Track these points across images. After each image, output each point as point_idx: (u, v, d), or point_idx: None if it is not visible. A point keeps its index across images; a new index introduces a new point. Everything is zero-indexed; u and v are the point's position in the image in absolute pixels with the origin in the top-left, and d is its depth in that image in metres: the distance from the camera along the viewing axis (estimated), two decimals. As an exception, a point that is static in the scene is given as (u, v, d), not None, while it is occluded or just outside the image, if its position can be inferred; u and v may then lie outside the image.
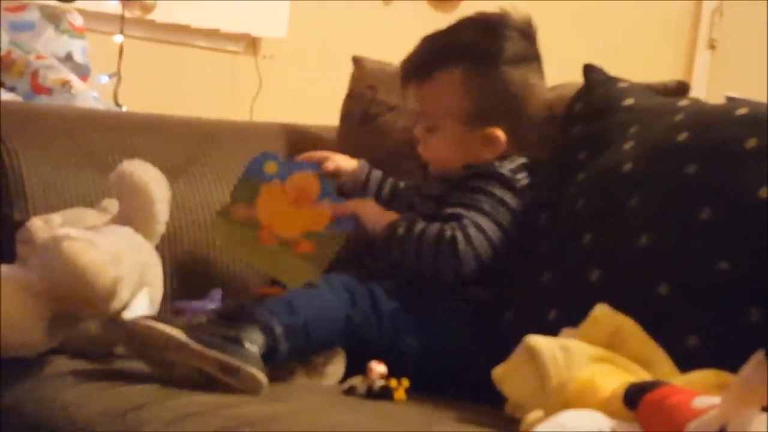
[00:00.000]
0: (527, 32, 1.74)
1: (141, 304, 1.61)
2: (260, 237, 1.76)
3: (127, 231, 1.66)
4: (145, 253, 1.67)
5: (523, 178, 1.70)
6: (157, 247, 1.74)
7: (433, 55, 1.73)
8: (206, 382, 1.44)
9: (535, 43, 1.75)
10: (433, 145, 1.74)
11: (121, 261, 1.55)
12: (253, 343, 1.46)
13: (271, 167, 1.78)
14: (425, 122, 1.75)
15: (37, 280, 1.53)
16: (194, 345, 1.43)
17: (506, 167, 1.69)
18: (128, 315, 1.59)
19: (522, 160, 1.72)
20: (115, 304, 1.55)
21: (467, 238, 1.60)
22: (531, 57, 1.74)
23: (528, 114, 1.73)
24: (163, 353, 1.45)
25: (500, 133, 1.70)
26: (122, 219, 1.69)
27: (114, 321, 1.60)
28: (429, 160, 1.77)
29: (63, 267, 1.50)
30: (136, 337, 1.46)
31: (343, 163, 1.86)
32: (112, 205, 1.73)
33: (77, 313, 1.57)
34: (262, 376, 1.43)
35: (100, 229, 1.63)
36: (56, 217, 1.66)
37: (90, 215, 1.72)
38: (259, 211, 1.77)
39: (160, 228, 1.72)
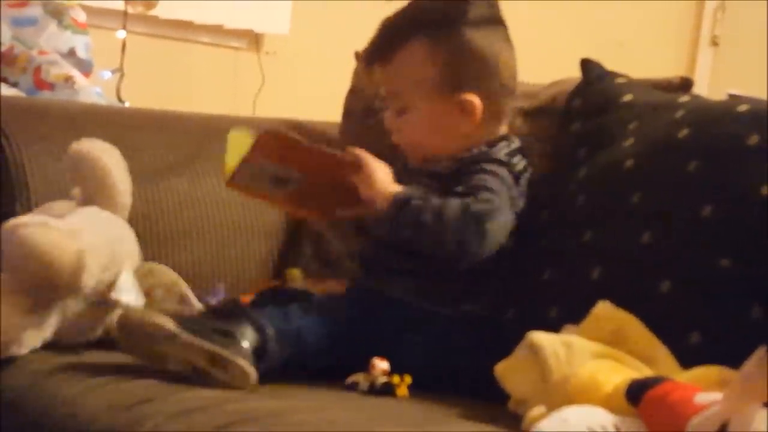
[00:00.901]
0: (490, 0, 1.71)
1: (126, 283, 1.61)
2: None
3: (91, 210, 1.66)
4: (116, 227, 1.66)
5: (518, 162, 1.67)
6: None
7: (395, 32, 1.69)
8: (197, 377, 1.44)
9: (499, 9, 1.71)
10: (407, 127, 1.68)
11: (79, 234, 1.55)
12: (246, 338, 1.45)
13: None
14: (395, 105, 1.70)
15: (7, 277, 1.54)
16: (184, 335, 1.43)
17: (501, 153, 1.65)
18: (116, 295, 1.59)
19: (515, 144, 1.68)
20: (87, 279, 1.55)
21: (490, 214, 1.55)
22: (495, 20, 1.70)
23: (499, 78, 1.67)
24: (153, 345, 1.45)
25: (475, 99, 1.65)
26: (86, 200, 1.69)
27: (104, 302, 1.59)
28: (406, 145, 1.70)
29: (23, 254, 1.52)
30: (126, 328, 1.46)
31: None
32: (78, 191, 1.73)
33: (54, 296, 1.57)
34: (251, 370, 1.43)
35: (65, 215, 1.64)
36: (25, 217, 1.65)
37: (58, 205, 1.72)
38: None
39: (125, 198, 1.71)
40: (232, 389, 1.42)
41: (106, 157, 1.69)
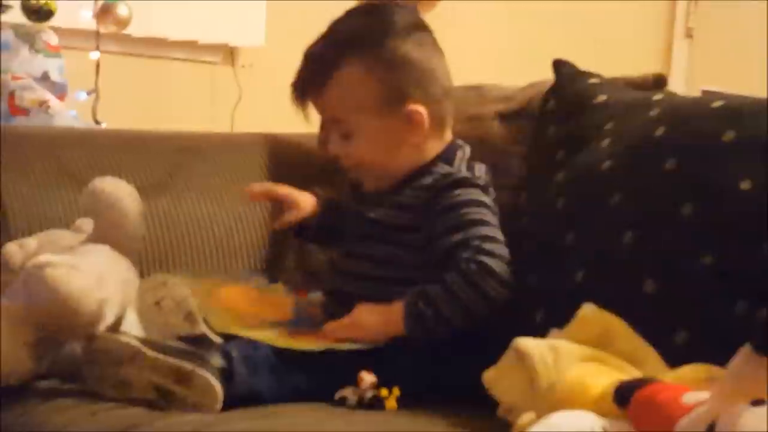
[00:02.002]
0: (407, 6, 1.69)
1: (129, 320, 1.61)
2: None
3: (104, 249, 1.64)
4: (124, 270, 1.66)
5: (478, 169, 1.66)
6: (141, 264, 1.74)
7: (325, 59, 1.66)
8: (162, 400, 1.43)
9: (420, 16, 1.69)
10: (355, 149, 1.66)
11: (104, 283, 1.54)
12: (213, 360, 1.45)
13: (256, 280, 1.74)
14: (339, 130, 1.67)
15: (19, 308, 1.52)
16: (149, 352, 1.43)
17: (462, 166, 1.64)
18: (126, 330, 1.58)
19: (467, 150, 1.67)
20: (101, 326, 1.54)
21: (491, 254, 1.53)
22: (420, 27, 1.68)
23: (438, 82, 1.66)
24: (119, 369, 1.45)
25: (420, 108, 1.63)
26: (97, 237, 1.67)
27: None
28: (357, 168, 1.68)
29: (47, 295, 1.49)
30: (94, 352, 1.46)
31: (301, 203, 1.76)
32: (87, 224, 1.72)
33: (64, 338, 1.57)
34: (217, 386, 1.42)
35: (77, 250, 1.62)
36: (31, 241, 1.64)
37: (65, 236, 1.70)
38: (227, 297, 1.69)
39: (138, 243, 1.70)
40: (201, 410, 1.41)
41: (128, 200, 1.67)
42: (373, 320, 1.56)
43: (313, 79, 1.67)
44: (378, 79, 1.63)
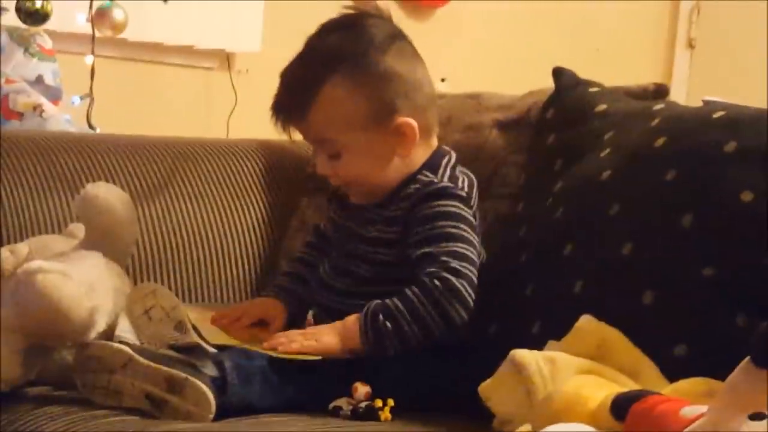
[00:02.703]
0: (383, 15, 1.67)
1: (125, 326, 1.59)
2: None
3: (96, 256, 1.63)
4: (116, 277, 1.65)
5: (462, 179, 1.63)
6: (135, 272, 1.73)
7: (306, 81, 1.62)
8: (154, 409, 1.42)
9: (396, 24, 1.67)
10: (344, 168, 1.62)
11: (95, 290, 1.53)
12: (206, 369, 1.43)
13: None
14: (327, 150, 1.63)
15: (9, 315, 1.51)
16: (142, 360, 1.42)
17: (446, 176, 1.62)
18: (120, 336, 1.57)
19: (453, 157, 1.65)
20: (91, 334, 1.53)
21: (457, 273, 1.52)
22: (398, 36, 1.66)
23: (423, 91, 1.64)
24: (110, 377, 1.44)
25: (409, 119, 1.61)
26: (90, 243, 1.65)
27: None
28: (348, 185, 1.66)
29: (38, 302, 1.48)
30: (86, 359, 1.45)
31: (273, 318, 1.69)
32: (79, 229, 1.70)
33: (54, 345, 1.55)
34: (211, 395, 1.41)
35: (68, 256, 1.61)
36: (23, 247, 1.62)
37: (57, 241, 1.69)
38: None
39: (130, 249, 1.69)
40: (194, 419, 1.40)
41: (120, 206, 1.65)
42: (332, 337, 1.53)
43: (295, 103, 1.63)
44: (364, 95, 1.61)
